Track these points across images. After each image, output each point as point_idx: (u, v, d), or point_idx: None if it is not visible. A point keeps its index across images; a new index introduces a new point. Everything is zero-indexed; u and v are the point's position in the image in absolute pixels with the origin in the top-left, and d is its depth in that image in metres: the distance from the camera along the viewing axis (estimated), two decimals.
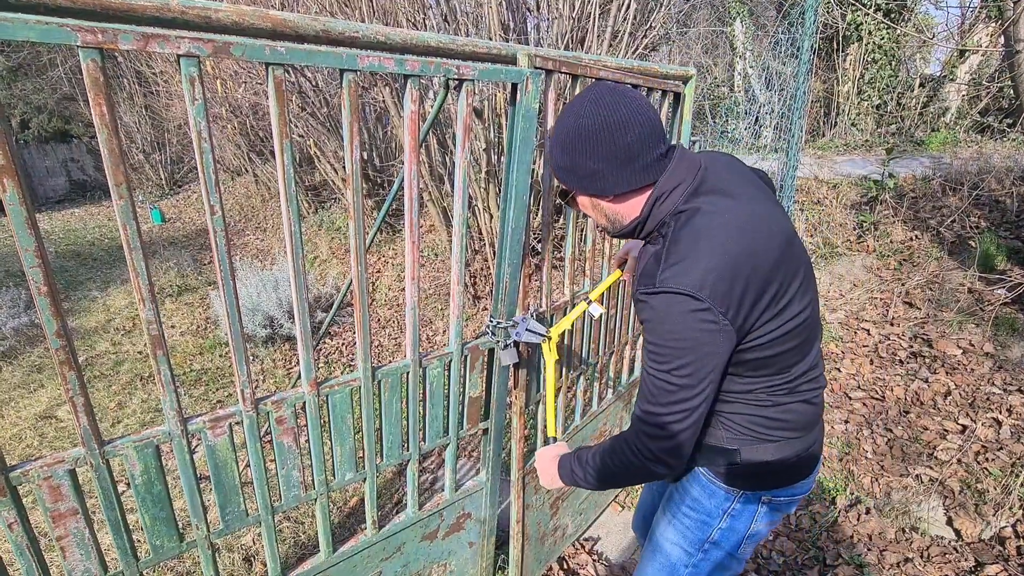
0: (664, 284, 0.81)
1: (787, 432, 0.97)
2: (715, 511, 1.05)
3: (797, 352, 0.92)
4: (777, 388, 0.94)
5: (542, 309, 1.56)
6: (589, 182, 0.91)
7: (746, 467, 0.99)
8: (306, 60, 0.94)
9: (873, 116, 6.14)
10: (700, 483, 1.06)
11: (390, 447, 1.36)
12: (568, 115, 0.89)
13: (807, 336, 0.92)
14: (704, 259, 0.81)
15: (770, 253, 0.84)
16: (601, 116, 0.85)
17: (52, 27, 0.73)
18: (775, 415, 0.96)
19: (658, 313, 0.83)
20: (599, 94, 0.87)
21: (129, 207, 0.85)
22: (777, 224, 0.89)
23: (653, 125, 0.87)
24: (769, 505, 1.05)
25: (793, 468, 1.01)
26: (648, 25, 3.15)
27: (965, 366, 2.24)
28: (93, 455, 0.93)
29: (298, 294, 1.07)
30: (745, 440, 0.98)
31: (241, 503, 1.14)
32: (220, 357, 4.08)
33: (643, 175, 0.89)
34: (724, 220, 0.84)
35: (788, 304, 0.86)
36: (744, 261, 0.81)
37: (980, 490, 1.80)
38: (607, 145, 0.86)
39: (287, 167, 0.97)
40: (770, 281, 0.84)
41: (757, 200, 0.91)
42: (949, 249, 2.81)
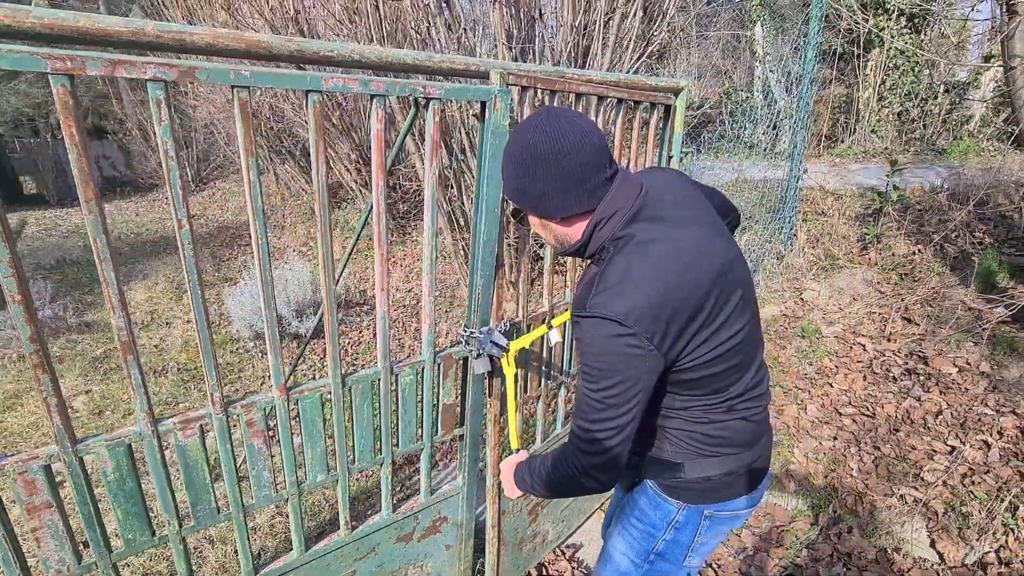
0: (593, 309, 0.85)
1: (726, 448, 1.00)
2: (660, 523, 1.09)
3: (732, 372, 0.94)
4: (714, 406, 0.97)
5: (518, 319, 1.58)
6: (537, 203, 0.93)
7: (689, 481, 1.03)
8: (271, 83, 0.99)
9: (894, 123, 6.00)
10: (647, 495, 1.10)
11: (362, 451, 1.40)
12: (517, 138, 0.91)
13: (742, 358, 0.95)
14: (633, 287, 0.84)
15: (701, 280, 0.86)
16: (549, 140, 0.87)
17: (23, 56, 0.79)
18: (713, 432, 0.99)
19: (587, 336, 0.87)
20: (546, 119, 0.89)
21: (99, 222, 0.90)
22: (712, 251, 0.90)
23: (599, 150, 0.89)
24: (712, 519, 1.07)
25: (734, 484, 1.04)
26: (651, 33, 3.15)
27: (959, 385, 2.19)
28: (66, 452, 0.99)
29: (267, 307, 1.11)
30: (688, 455, 1.01)
31: (212, 501, 1.20)
32: (231, 353, 4.20)
33: (588, 199, 0.91)
34: (656, 249, 0.87)
35: (719, 328, 0.89)
36: (672, 289, 0.84)
37: (965, 513, 1.76)
38: (554, 169, 0.88)
39: (253, 184, 1.01)
40: (700, 308, 0.86)
41: (694, 226, 0.93)
42: (951, 264, 2.74)
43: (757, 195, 3.31)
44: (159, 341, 4.46)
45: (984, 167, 3.67)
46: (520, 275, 1.56)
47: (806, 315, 2.81)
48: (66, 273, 6.35)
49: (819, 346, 2.63)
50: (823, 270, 3.05)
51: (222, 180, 11.64)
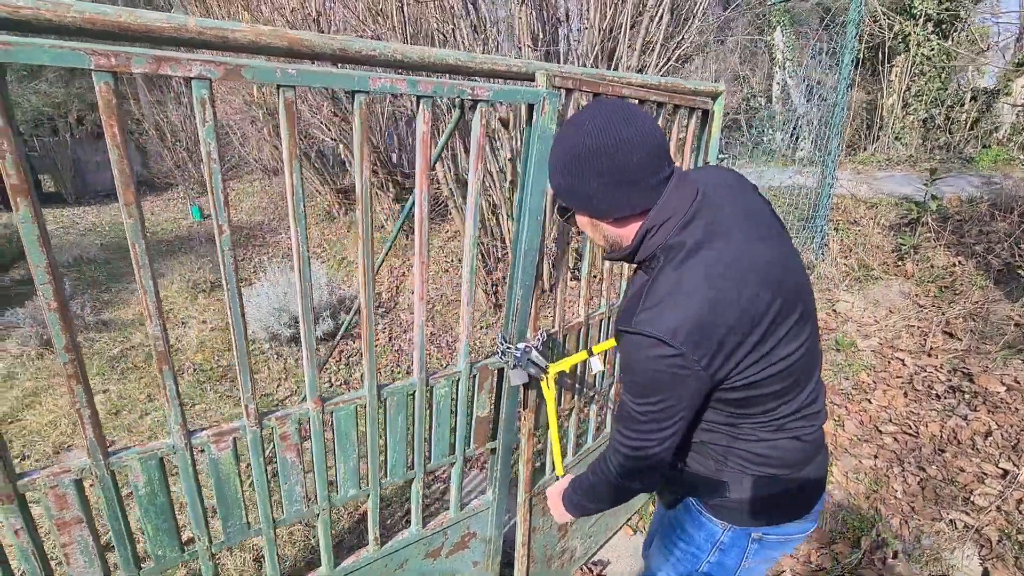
0: (639, 326, 0.80)
1: (775, 469, 0.94)
2: (704, 544, 1.03)
3: (786, 392, 0.88)
4: (763, 425, 0.91)
5: (554, 330, 1.53)
6: (588, 202, 0.87)
7: (734, 501, 0.97)
8: (318, 82, 0.94)
9: (919, 130, 5.87)
10: (690, 514, 1.05)
11: (394, 465, 1.35)
12: (571, 132, 0.84)
13: (798, 376, 0.88)
14: (683, 304, 0.79)
15: (758, 295, 0.80)
16: (606, 135, 0.81)
17: (66, 51, 0.74)
18: (761, 450, 0.93)
19: (632, 352, 0.83)
20: (605, 111, 0.83)
21: (139, 227, 0.86)
22: (771, 262, 0.84)
23: (659, 147, 0.83)
24: (760, 543, 1.01)
25: (784, 506, 0.98)
26: (680, 37, 3.09)
27: (1009, 405, 2.10)
28: (98, 466, 0.95)
29: (305, 315, 1.07)
30: (733, 473, 0.96)
31: (243, 516, 1.15)
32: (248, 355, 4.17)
33: (643, 199, 0.85)
34: (709, 260, 0.81)
35: (775, 347, 0.83)
36: (725, 305, 0.78)
37: (1022, 542, 1.67)
38: (610, 166, 0.82)
39: (296, 189, 0.97)
40: (756, 326, 0.80)
41: (753, 234, 0.86)
42: (995, 278, 2.65)
43: (785, 203, 3.23)
44: (174, 341, 4.45)
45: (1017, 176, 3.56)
46: (558, 285, 1.51)
47: (840, 327, 2.73)
48: (83, 271, 6.39)
49: (855, 360, 2.54)
50: (856, 281, 2.96)
51: (236, 180, 11.70)
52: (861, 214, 3.40)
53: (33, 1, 0.74)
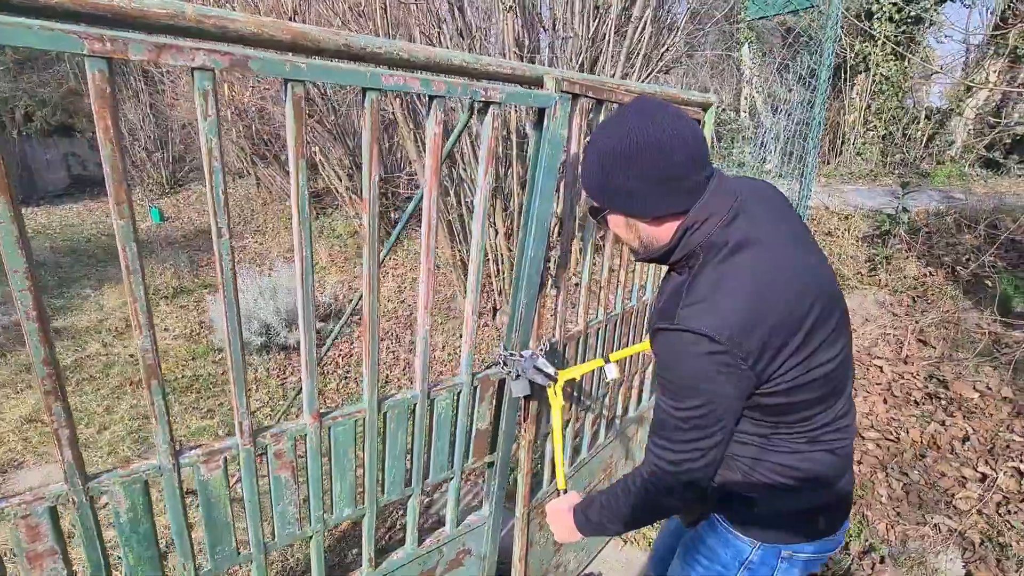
0: (684, 322, 0.78)
1: (807, 482, 0.91)
2: (731, 563, 0.99)
3: (821, 401, 0.87)
4: (797, 435, 0.89)
5: (555, 339, 1.50)
6: (627, 201, 0.85)
7: (763, 516, 0.94)
8: (328, 77, 0.89)
9: (879, 146, 6.16)
10: (716, 531, 1.00)
11: (392, 482, 1.29)
12: (613, 129, 0.82)
13: (836, 385, 0.87)
14: (728, 300, 0.77)
15: (802, 297, 0.80)
16: (652, 132, 0.79)
17: (58, 34, 0.67)
18: (794, 463, 0.90)
19: (675, 350, 0.80)
20: (650, 109, 0.81)
21: (130, 228, 0.78)
22: (811, 267, 0.84)
23: (701, 146, 0.82)
24: (790, 561, 0.98)
25: (815, 522, 0.95)
26: (664, 47, 3.14)
27: (983, 410, 2.18)
28: (77, 492, 0.86)
29: (305, 322, 1.00)
30: (762, 487, 0.92)
31: (232, 541, 1.07)
32: (213, 363, 3.99)
33: (686, 198, 0.83)
34: (754, 259, 0.80)
35: (815, 352, 0.81)
36: (772, 303, 0.78)
37: (1002, 544, 1.73)
38: (654, 164, 0.80)
39: (301, 188, 0.91)
40: (799, 327, 0.79)
41: (793, 239, 0.86)
42: (965, 288, 2.77)
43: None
44: (135, 350, 4.21)
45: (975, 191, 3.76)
46: (560, 294, 1.48)
47: None
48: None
49: None
50: None
51: (199, 183, 11.28)
52: (835, 225, 3.52)
53: None
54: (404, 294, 4.98)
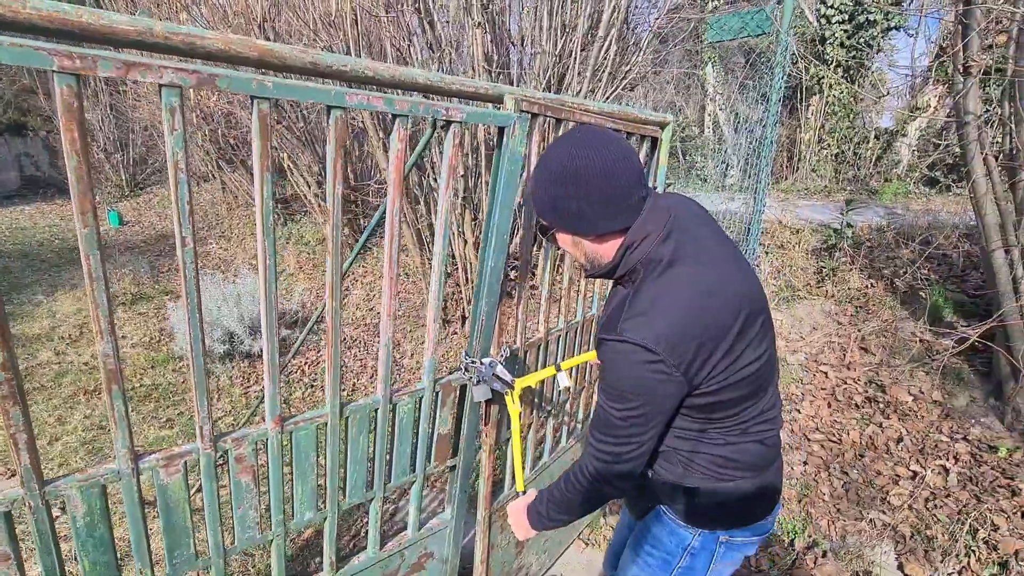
0: (624, 333, 0.86)
1: (741, 471, 1.01)
2: (675, 549, 1.08)
3: (749, 397, 0.96)
4: (730, 429, 0.98)
5: (516, 346, 1.55)
6: (572, 221, 0.93)
7: (703, 506, 1.03)
8: (293, 95, 0.93)
9: (832, 164, 6.49)
10: (661, 521, 1.09)
11: (354, 485, 1.32)
12: (558, 154, 0.90)
13: (761, 383, 0.97)
14: (664, 314, 0.86)
15: (727, 307, 0.89)
16: (593, 159, 0.86)
17: (27, 50, 0.70)
18: (728, 454, 0.99)
19: (616, 359, 0.88)
20: (591, 137, 0.89)
21: (95, 236, 0.81)
22: (736, 277, 0.93)
23: (638, 170, 0.91)
24: (727, 545, 1.07)
25: (749, 508, 1.05)
26: (628, 66, 3.26)
27: (916, 413, 2.35)
28: (33, 496, 0.86)
29: (268, 328, 1.03)
30: (703, 479, 1.01)
31: (191, 546, 1.08)
32: (173, 372, 3.89)
33: (625, 217, 0.92)
34: (686, 274, 0.89)
35: (741, 354, 0.91)
36: (701, 316, 0.86)
37: (929, 536, 1.87)
38: (598, 188, 0.88)
39: (266, 200, 0.94)
40: (726, 334, 0.88)
41: (719, 254, 0.95)
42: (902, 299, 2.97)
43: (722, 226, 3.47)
44: (90, 358, 4.07)
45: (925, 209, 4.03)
46: (520, 303, 1.54)
47: None
48: None
49: (785, 373, 2.75)
50: (785, 300, 3.22)
51: (160, 186, 10.95)
52: (787, 238, 3.71)
53: None
54: (373, 302, 4.96)
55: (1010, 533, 1.78)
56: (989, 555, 1.74)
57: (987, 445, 2.14)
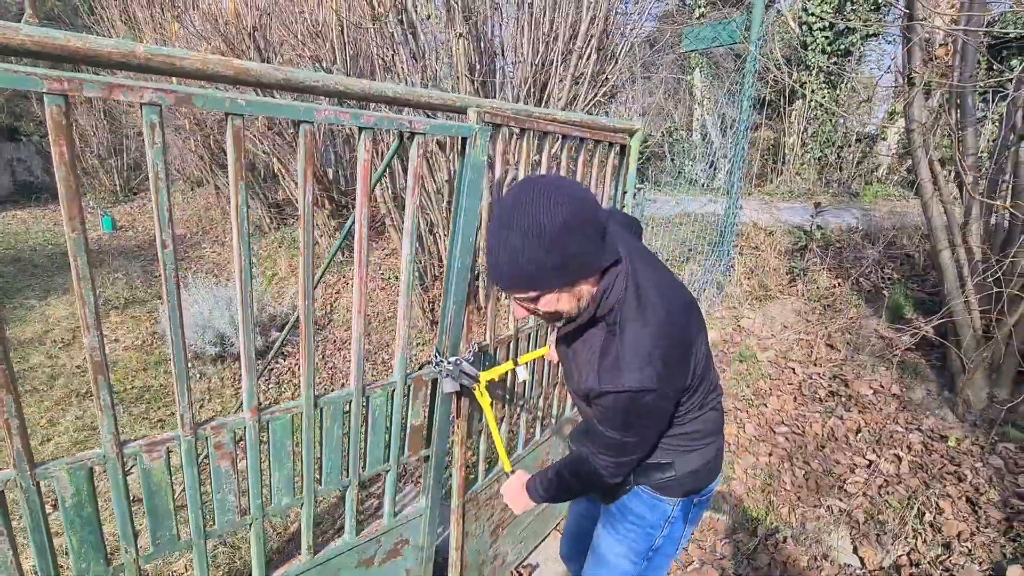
0: (627, 384, 0.91)
1: (707, 438, 1.13)
2: (657, 521, 1.18)
3: (704, 375, 1.07)
4: (693, 407, 1.08)
5: (486, 343, 1.64)
6: (578, 269, 0.88)
7: (681, 477, 1.13)
8: (266, 111, 1.02)
9: (815, 167, 6.62)
10: (640, 499, 1.18)
11: (330, 473, 1.40)
12: (540, 216, 0.82)
13: (708, 360, 1.08)
14: (658, 351, 0.91)
15: (691, 321, 1.00)
16: (576, 200, 0.83)
17: (21, 75, 0.79)
18: (694, 428, 1.11)
19: (621, 405, 0.94)
20: (558, 184, 0.85)
21: (82, 240, 0.89)
22: (681, 288, 1.05)
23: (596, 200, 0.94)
24: (697, 506, 1.20)
25: (713, 469, 1.17)
26: (605, 75, 3.37)
27: (875, 405, 2.45)
28: (23, 477, 0.95)
29: (245, 325, 1.12)
30: (676, 453, 1.12)
31: (173, 527, 1.16)
32: (165, 374, 3.96)
33: (614, 245, 0.93)
34: (658, 302, 0.95)
35: (699, 345, 1.03)
36: (681, 342, 0.96)
37: (881, 521, 1.97)
38: (592, 223, 0.86)
39: (240, 208, 1.03)
40: (693, 341, 1.00)
41: (660, 268, 1.06)
42: (866, 297, 3.09)
43: (699, 228, 3.59)
44: (81, 362, 4.14)
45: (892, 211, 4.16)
46: (489, 301, 1.63)
47: (743, 341, 3.05)
48: None
49: (755, 370, 2.85)
50: (757, 300, 3.33)
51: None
52: (761, 240, 3.83)
53: None
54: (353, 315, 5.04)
55: (954, 516, 1.88)
56: (934, 537, 1.84)
57: (939, 435, 2.25)
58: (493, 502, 1.90)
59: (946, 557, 1.79)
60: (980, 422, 2.27)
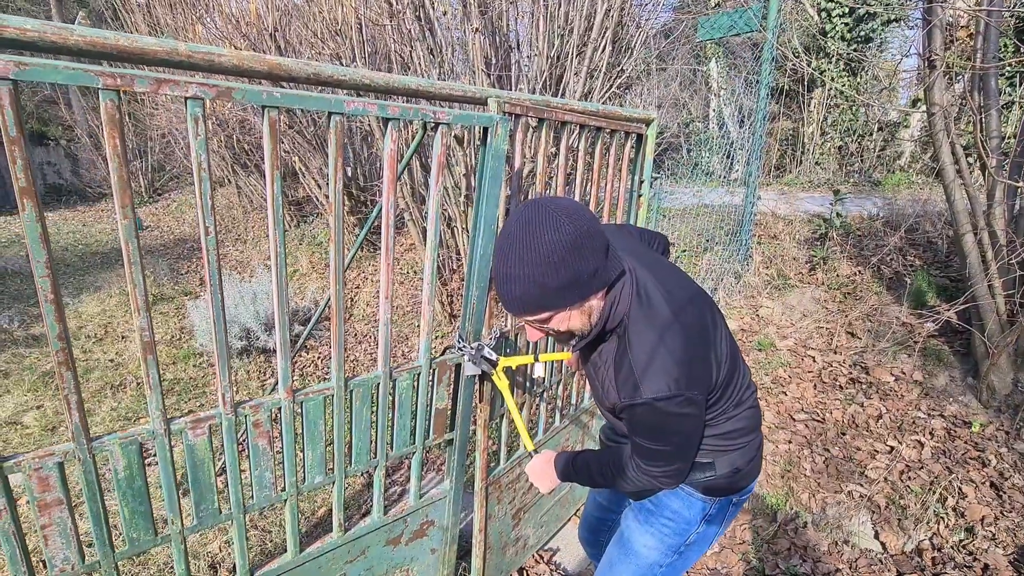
0: (646, 395, 0.91)
1: (746, 437, 1.12)
2: (694, 519, 1.17)
3: (733, 372, 1.07)
4: (729, 408, 1.08)
5: (507, 329, 1.69)
6: (589, 283, 0.89)
7: (721, 476, 1.12)
8: (299, 104, 1.07)
9: (835, 156, 6.52)
10: (679, 497, 1.17)
11: (359, 453, 1.46)
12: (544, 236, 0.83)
13: (734, 354, 1.08)
14: (671, 356, 0.91)
15: (705, 318, 1.00)
16: (576, 219, 0.85)
17: (78, 72, 0.85)
18: (732, 427, 1.10)
19: (648, 417, 0.94)
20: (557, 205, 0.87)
21: (132, 226, 0.96)
22: (686, 282, 1.04)
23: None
24: (736, 505, 1.19)
25: (753, 468, 1.16)
26: (619, 67, 3.38)
27: (896, 392, 2.44)
28: (82, 449, 1.01)
29: (280, 308, 1.18)
30: (716, 453, 1.11)
31: (215, 501, 1.23)
32: (194, 367, 4.09)
33: (617, 257, 0.95)
34: (664, 305, 0.96)
35: (720, 341, 1.02)
36: (697, 341, 0.96)
37: (903, 506, 1.96)
38: (598, 239, 0.87)
39: (276, 196, 1.09)
40: (711, 337, 0.99)
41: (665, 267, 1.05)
42: (887, 284, 3.05)
43: (717, 219, 3.58)
44: (115, 356, 4.29)
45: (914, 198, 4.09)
46: None
47: (761, 330, 3.05)
48: (7, 285, 6.01)
49: (774, 358, 2.85)
50: (776, 289, 3.31)
51: (177, 191, 11.28)
52: (780, 229, 3.80)
53: (39, 25, 0.84)
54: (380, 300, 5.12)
55: (977, 501, 1.87)
56: (957, 521, 1.83)
57: (962, 421, 2.23)
58: (515, 486, 1.94)
59: (969, 541, 1.79)
60: (1005, 407, 2.25)
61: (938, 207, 3.39)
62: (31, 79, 0.82)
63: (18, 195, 0.84)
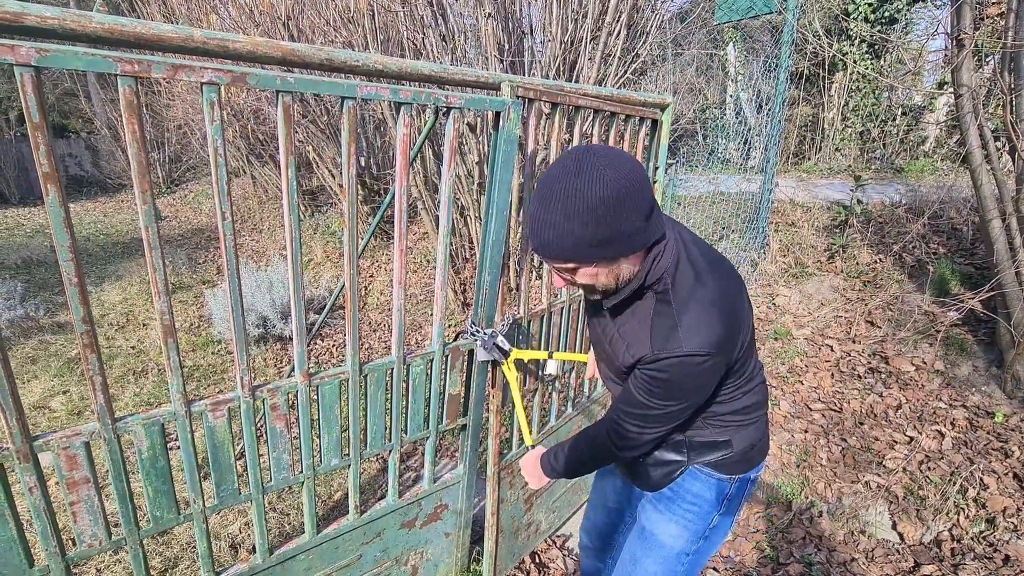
0: (686, 347, 0.91)
1: (759, 411, 1.14)
2: (715, 501, 1.16)
3: (750, 348, 1.07)
4: (743, 382, 1.09)
5: (519, 315, 1.69)
6: (626, 243, 0.88)
7: (738, 453, 1.12)
8: (313, 88, 1.08)
9: (856, 143, 6.36)
10: (698, 479, 1.16)
11: (374, 436, 1.48)
12: (583, 188, 0.82)
13: (752, 331, 1.08)
14: (719, 318, 0.92)
15: (742, 292, 1.00)
16: (622, 176, 0.83)
17: (97, 58, 0.86)
18: (747, 401, 1.10)
19: (678, 370, 0.93)
20: (607, 157, 0.84)
21: (152, 211, 0.97)
22: (723, 260, 1.04)
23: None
24: (752, 482, 1.19)
25: (765, 441, 1.17)
26: (633, 52, 3.32)
27: (916, 382, 2.39)
28: (107, 429, 1.04)
29: (295, 293, 1.19)
30: (732, 430, 1.11)
31: (235, 481, 1.25)
32: (212, 355, 4.16)
33: (659, 222, 0.93)
34: (711, 272, 0.97)
35: (746, 324, 1.02)
36: (736, 309, 0.96)
37: (922, 496, 1.93)
38: (643, 198, 0.85)
39: (291, 181, 1.10)
40: (744, 315, 1.00)
41: (693, 234, 1.06)
42: (909, 272, 2.99)
43: (733, 207, 3.52)
44: (136, 343, 4.39)
45: (938, 184, 3.98)
46: (522, 276, 1.67)
47: (778, 319, 3.01)
48: (33, 274, 6.17)
49: (791, 347, 2.81)
50: (793, 277, 3.26)
51: (194, 182, 11.43)
52: (798, 217, 3.73)
53: (59, 12, 0.85)
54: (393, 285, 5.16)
55: (999, 492, 1.83)
56: (978, 512, 1.80)
57: (985, 411, 2.18)
58: None
59: (990, 532, 1.76)
60: None
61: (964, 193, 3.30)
62: (52, 65, 0.84)
63: (42, 180, 0.86)
